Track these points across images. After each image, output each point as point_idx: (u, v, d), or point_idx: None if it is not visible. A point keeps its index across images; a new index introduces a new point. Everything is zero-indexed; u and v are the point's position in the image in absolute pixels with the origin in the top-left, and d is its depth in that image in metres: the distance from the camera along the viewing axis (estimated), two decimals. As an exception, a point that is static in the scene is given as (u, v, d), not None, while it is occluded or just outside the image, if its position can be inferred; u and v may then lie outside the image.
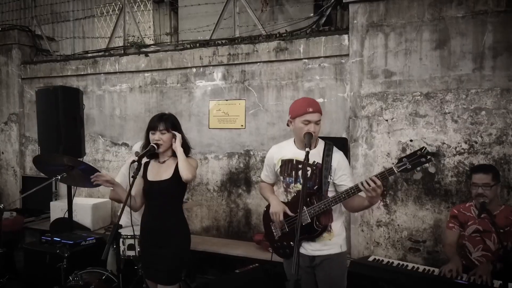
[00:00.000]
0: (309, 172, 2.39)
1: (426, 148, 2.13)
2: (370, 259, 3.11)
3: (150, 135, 2.64)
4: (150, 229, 2.64)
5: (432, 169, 2.19)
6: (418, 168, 2.13)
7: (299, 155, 2.37)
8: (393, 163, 2.23)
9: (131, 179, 2.37)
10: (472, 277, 2.62)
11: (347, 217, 3.83)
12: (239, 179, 4.41)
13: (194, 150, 4.52)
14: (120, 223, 3.36)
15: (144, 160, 2.74)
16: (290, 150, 2.50)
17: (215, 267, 4.36)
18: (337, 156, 2.43)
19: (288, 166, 2.48)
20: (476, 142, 3.33)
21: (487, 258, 2.81)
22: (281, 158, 2.52)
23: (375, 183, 2.12)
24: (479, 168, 2.92)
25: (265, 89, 4.25)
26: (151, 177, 2.67)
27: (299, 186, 2.41)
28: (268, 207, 2.57)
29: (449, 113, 3.40)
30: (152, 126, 2.64)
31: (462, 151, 3.37)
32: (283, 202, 2.50)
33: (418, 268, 2.87)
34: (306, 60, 4.04)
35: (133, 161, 2.43)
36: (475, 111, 3.32)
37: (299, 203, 2.03)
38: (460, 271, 2.69)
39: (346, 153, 3.61)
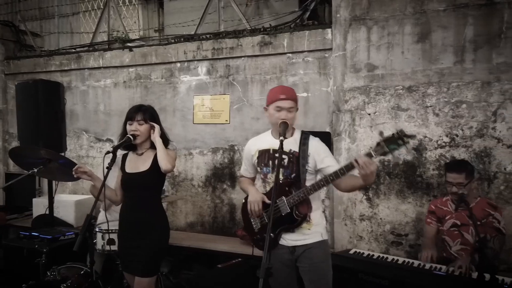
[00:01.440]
0: (286, 160, 2.38)
1: (403, 130, 2.08)
2: (351, 252, 3.10)
3: (128, 126, 2.61)
4: (128, 221, 2.61)
5: (409, 155, 2.13)
6: (396, 152, 2.09)
7: (276, 144, 2.33)
8: (370, 147, 2.20)
9: (105, 170, 2.34)
10: (450, 269, 2.62)
11: (331, 211, 3.82)
12: (224, 174, 4.39)
13: (178, 146, 4.52)
14: (99, 218, 3.36)
15: (123, 152, 2.71)
16: (266, 140, 2.49)
17: (200, 262, 4.32)
18: (313, 142, 2.42)
19: (265, 156, 2.47)
20: (457, 135, 3.33)
21: (466, 252, 2.81)
22: (258, 149, 2.51)
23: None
24: (452, 167, 2.86)
25: (250, 83, 4.23)
26: (129, 169, 2.64)
27: None
28: (246, 199, 2.53)
29: (430, 106, 3.40)
30: (130, 117, 2.61)
31: (444, 144, 3.37)
32: (262, 193, 2.48)
33: (397, 260, 2.87)
34: (290, 55, 4.03)
35: (108, 152, 2.40)
36: (456, 104, 3.33)
37: (273, 189, 2.01)
38: (435, 257, 2.75)
39: (330, 147, 3.60)
